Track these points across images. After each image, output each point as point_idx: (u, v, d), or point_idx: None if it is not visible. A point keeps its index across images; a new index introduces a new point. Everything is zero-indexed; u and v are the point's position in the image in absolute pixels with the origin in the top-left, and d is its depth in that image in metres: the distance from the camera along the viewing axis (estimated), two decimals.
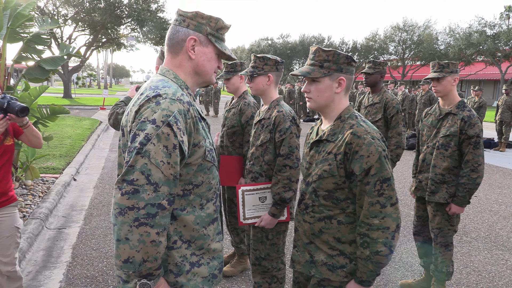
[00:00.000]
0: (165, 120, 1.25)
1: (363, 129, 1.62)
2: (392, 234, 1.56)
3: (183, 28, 1.44)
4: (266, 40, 47.64)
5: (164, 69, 1.47)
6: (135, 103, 1.35)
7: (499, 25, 31.83)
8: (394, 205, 1.57)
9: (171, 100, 1.29)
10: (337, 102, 1.73)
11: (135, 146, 1.23)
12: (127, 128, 1.35)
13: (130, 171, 1.22)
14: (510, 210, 5.65)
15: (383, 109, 3.69)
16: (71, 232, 4.42)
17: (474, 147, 2.82)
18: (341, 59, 1.67)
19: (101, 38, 28.49)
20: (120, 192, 1.21)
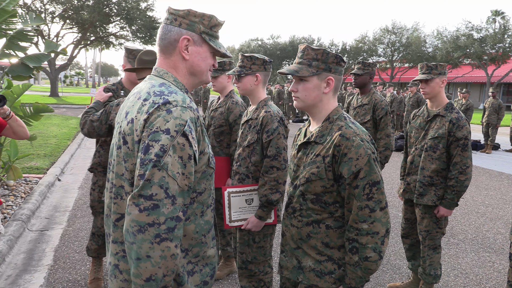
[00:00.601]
0: (179, 130, 1.20)
1: (352, 131, 1.58)
2: (381, 239, 1.52)
3: (175, 28, 1.37)
4: (256, 41, 47.64)
5: (162, 71, 1.40)
6: (139, 109, 1.26)
7: (485, 29, 32.28)
8: (383, 209, 1.53)
9: (182, 108, 1.24)
10: (325, 102, 1.68)
11: (151, 158, 1.17)
12: (131, 136, 1.26)
13: (147, 186, 1.16)
14: (497, 212, 5.69)
15: (372, 111, 3.67)
16: (53, 234, 4.30)
17: (463, 149, 2.81)
18: (330, 58, 1.63)
19: (89, 36, 28.15)
20: (138, 209, 1.15)
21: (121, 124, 1.33)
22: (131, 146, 1.27)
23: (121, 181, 1.32)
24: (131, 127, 1.27)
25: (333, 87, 1.66)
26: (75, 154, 8.61)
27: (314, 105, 1.68)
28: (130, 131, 1.27)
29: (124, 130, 1.29)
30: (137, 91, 1.38)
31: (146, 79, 1.43)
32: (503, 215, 5.55)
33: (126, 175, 1.30)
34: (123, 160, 1.30)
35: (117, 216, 1.35)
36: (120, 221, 1.34)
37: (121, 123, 1.34)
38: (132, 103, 1.34)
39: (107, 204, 1.44)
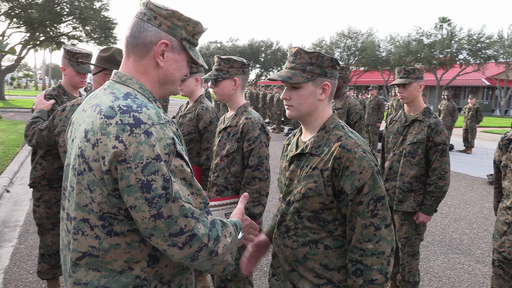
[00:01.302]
0: (169, 151, 1.06)
1: (352, 142, 1.44)
2: (387, 260, 1.40)
3: (154, 28, 1.17)
4: (215, 43, 47.30)
5: (125, 76, 1.19)
6: (103, 129, 1.05)
7: (434, 34, 33.97)
8: (388, 226, 1.41)
9: (161, 125, 1.07)
10: (321, 110, 1.54)
11: (159, 194, 1.03)
12: (98, 164, 1.06)
13: (172, 223, 1.05)
14: (459, 212, 5.85)
15: (346, 115, 3.61)
16: (2, 253, 3.89)
17: (441, 154, 2.79)
18: (325, 62, 1.49)
19: (38, 36, 26.65)
20: (178, 248, 1.07)
21: (80, 144, 1.11)
22: (98, 174, 1.06)
23: (84, 213, 1.11)
24: (97, 151, 1.06)
25: (329, 93, 1.53)
26: (25, 162, 7.98)
27: (309, 113, 1.54)
28: (96, 156, 1.06)
29: (88, 154, 1.07)
30: (96, 103, 1.15)
31: (106, 87, 1.19)
32: (465, 215, 5.72)
33: (94, 207, 1.09)
34: (87, 189, 1.09)
35: (78, 255, 1.13)
36: (82, 260, 1.13)
37: (80, 142, 1.11)
38: (91, 117, 1.11)
39: (63, 237, 1.22)
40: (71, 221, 1.15)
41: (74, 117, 1.26)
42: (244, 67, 2.35)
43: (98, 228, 1.09)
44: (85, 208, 1.10)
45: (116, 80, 1.20)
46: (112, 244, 1.10)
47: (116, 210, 1.08)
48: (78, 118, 1.21)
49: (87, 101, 1.23)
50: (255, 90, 18.88)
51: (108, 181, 1.05)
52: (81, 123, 1.16)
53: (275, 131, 15.28)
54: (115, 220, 1.09)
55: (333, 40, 40.78)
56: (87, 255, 1.12)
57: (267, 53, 46.77)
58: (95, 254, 1.11)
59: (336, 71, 1.53)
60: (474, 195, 6.91)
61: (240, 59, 2.34)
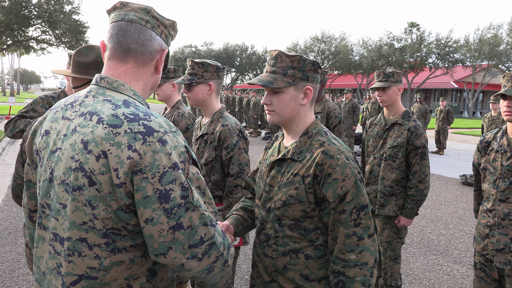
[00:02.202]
0: (184, 159, 1.04)
1: (335, 148, 1.40)
2: (370, 271, 1.35)
3: (158, 36, 1.16)
4: (190, 47, 47.01)
5: (115, 82, 1.10)
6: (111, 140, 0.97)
7: (404, 39, 34.86)
8: (371, 236, 1.37)
9: (172, 133, 1.05)
10: (303, 115, 1.49)
11: (179, 203, 0.99)
12: (107, 176, 0.97)
13: (192, 233, 1.02)
14: (435, 213, 5.94)
15: (325, 119, 3.59)
16: None
17: (421, 157, 2.79)
18: (307, 66, 1.44)
19: (5, 40, 25.70)
20: (197, 259, 1.04)
21: (77, 157, 1.00)
22: (106, 188, 0.98)
23: (81, 232, 1.01)
24: (105, 163, 0.97)
25: (311, 98, 1.48)
26: None
27: (291, 118, 1.48)
28: (105, 169, 0.97)
29: (90, 167, 0.98)
30: (88, 111, 1.05)
31: (93, 93, 1.09)
32: (441, 216, 5.81)
33: (96, 224, 1.00)
34: (88, 206, 1.00)
35: (73, 279, 1.03)
36: (78, 284, 1.03)
37: (76, 155, 1.01)
38: (87, 127, 1.02)
39: (46, 260, 1.11)
40: (61, 242, 1.04)
41: (47, 126, 1.12)
42: (219, 71, 2.28)
43: (99, 247, 1.02)
44: (82, 226, 1.01)
45: (105, 86, 1.10)
46: (115, 262, 1.03)
47: (122, 226, 1.01)
48: (56, 127, 1.09)
49: (66, 108, 1.11)
50: (231, 94, 18.81)
51: (121, 195, 0.97)
52: (66, 133, 1.05)
53: (252, 135, 15.25)
54: (117, 236, 1.02)
55: (307, 44, 41.24)
56: (84, 277, 1.03)
57: (242, 57, 46.87)
58: (94, 275, 1.02)
59: (318, 75, 1.49)
60: (448, 195, 7.05)
61: (214, 63, 2.26)
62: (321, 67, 1.52)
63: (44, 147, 1.11)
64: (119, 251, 1.03)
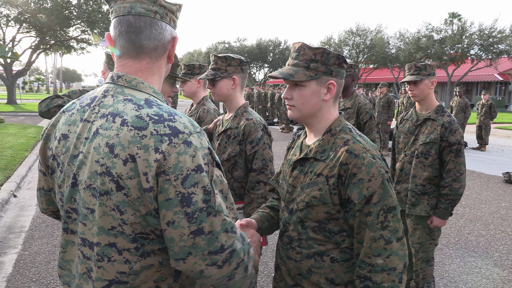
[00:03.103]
0: (208, 161, 1.00)
1: (361, 146, 1.32)
2: (399, 276, 1.27)
3: (168, 25, 1.11)
4: (223, 44, 47.33)
5: (134, 80, 1.07)
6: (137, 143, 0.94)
7: (444, 30, 33.43)
8: (400, 239, 1.29)
9: (198, 134, 1.01)
10: (326, 111, 1.42)
11: (201, 207, 0.96)
12: (135, 181, 0.95)
13: (212, 240, 0.98)
14: (475, 212, 5.65)
15: (355, 115, 3.47)
16: (6, 260, 3.83)
17: (456, 155, 2.63)
18: (331, 59, 1.37)
19: (48, 40, 26.89)
20: (217, 266, 1.00)
21: (103, 161, 0.97)
22: (134, 193, 0.95)
23: (110, 237, 1.00)
24: (133, 167, 0.94)
25: (334, 93, 1.40)
26: (33, 166, 7.98)
27: (312, 114, 1.42)
28: (133, 173, 0.95)
29: (118, 171, 0.95)
30: (110, 112, 1.02)
31: (112, 93, 1.05)
32: (481, 215, 5.52)
33: (125, 229, 0.98)
34: (116, 211, 0.97)
35: (103, 284, 1.02)
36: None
37: (102, 159, 0.97)
38: (111, 129, 0.98)
39: (76, 265, 1.10)
40: (91, 247, 1.04)
41: (65, 130, 1.09)
42: (242, 64, 2.23)
43: (129, 252, 1.00)
44: (111, 231, 0.99)
45: (123, 84, 1.07)
46: (145, 266, 1.02)
47: (150, 230, 1.00)
48: (75, 131, 1.06)
49: (83, 110, 1.07)
50: (263, 89, 18.75)
51: (150, 199, 0.95)
52: (87, 136, 1.02)
53: (284, 131, 15.15)
54: (146, 240, 1.01)
55: (341, 38, 40.44)
56: (114, 283, 1.02)
57: (275, 52, 46.67)
58: (124, 280, 1.02)
59: (343, 69, 1.41)
60: (489, 194, 6.69)
61: (238, 57, 2.22)
62: (347, 61, 1.43)
63: (63, 151, 1.08)
64: (148, 254, 1.02)
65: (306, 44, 1.37)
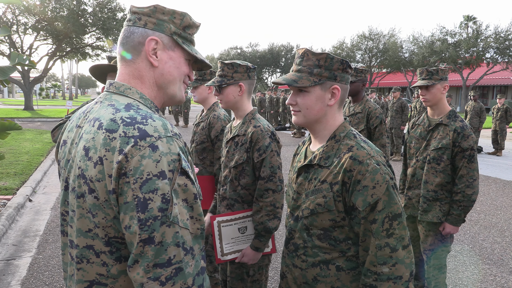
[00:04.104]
0: (174, 168, 0.95)
1: (365, 152, 1.31)
2: (405, 285, 1.26)
3: (139, 28, 1.10)
4: (235, 49, 47.55)
5: (122, 86, 1.10)
6: (106, 145, 0.95)
7: (459, 33, 33.03)
8: (406, 247, 1.27)
9: (167, 138, 0.97)
10: (330, 117, 1.42)
11: (154, 215, 0.91)
12: (102, 183, 0.95)
13: (160, 251, 0.92)
14: (490, 219, 5.54)
15: (365, 119, 3.44)
16: (21, 263, 3.90)
17: (469, 160, 2.59)
18: (335, 65, 1.37)
19: (64, 47, 27.42)
20: (159, 282, 0.92)
21: (80, 164, 1.00)
22: (102, 195, 0.96)
23: (88, 239, 1.01)
24: (101, 170, 0.95)
25: (339, 98, 1.40)
26: (48, 171, 8.12)
27: (317, 120, 1.42)
28: (101, 176, 0.96)
29: (89, 174, 0.97)
30: (94, 117, 1.05)
31: (102, 99, 1.10)
32: (496, 222, 5.41)
33: (98, 232, 0.99)
34: (90, 213, 0.99)
35: (84, 286, 1.04)
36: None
37: (79, 162, 1.01)
38: (90, 133, 1.01)
39: (68, 265, 1.14)
40: (74, 248, 1.06)
41: (65, 136, 1.16)
42: (249, 71, 2.24)
43: (105, 254, 1.01)
44: (88, 233, 1.01)
45: (112, 91, 1.11)
46: (122, 271, 1.02)
47: (123, 234, 0.99)
48: (72, 137, 1.11)
49: (80, 116, 1.14)
50: (275, 94, 18.77)
51: (115, 202, 0.95)
52: (77, 141, 1.07)
53: (296, 136, 15.12)
54: (122, 245, 1.00)
55: (354, 42, 40.29)
56: (95, 283, 1.03)
57: (287, 57, 46.67)
58: (104, 282, 1.02)
59: (347, 74, 1.41)
60: (505, 200, 6.55)
61: (244, 63, 2.23)
62: (351, 66, 1.43)
63: (62, 156, 1.14)
64: (126, 259, 1.01)
65: (310, 50, 1.38)
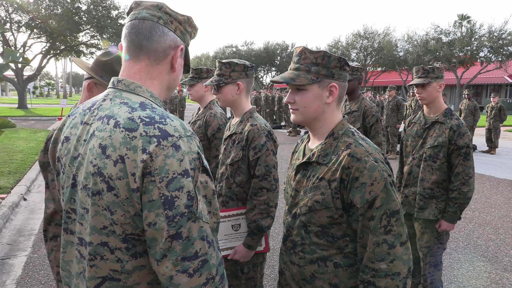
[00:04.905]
0: (195, 166, 1.00)
1: (363, 150, 1.32)
2: (403, 282, 1.26)
3: (171, 32, 1.13)
4: (230, 48, 47.50)
5: (133, 84, 1.09)
6: (127, 144, 0.96)
7: (453, 32, 33.17)
8: (404, 244, 1.28)
9: (187, 137, 1.01)
10: (329, 114, 1.42)
11: (182, 212, 0.96)
12: (124, 181, 0.97)
13: (188, 245, 0.97)
14: (484, 216, 5.59)
15: (361, 118, 3.46)
16: (16, 262, 3.88)
17: (464, 158, 2.61)
18: (332, 62, 1.37)
19: (58, 45, 27.24)
20: (187, 274, 0.97)
21: (96, 162, 1.00)
22: (123, 193, 0.97)
23: (102, 236, 1.02)
24: (122, 168, 0.96)
25: (337, 96, 1.41)
26: None
27: (315, 118, 1.42)
28: (122, 174, 0.96)
29: (109, 172, 0.98)
30: (106, 115, 1.04)
31: (111, 97, 1.09)
32: (491, 219, 5.45)
33: (116, 229, 1.00)
34: (107, 211, 1.00)
35: (96, 282, 1.04)
36: (102, 286, 1.04)
37: (94, 160, 1.00)
38: (105, 131, 1.01)
39: (74, 264, 1.13)
40: (86, 246, 1.06)
41: (67, 133, 1.13)
42: (247, 70, 2.23)
43: (121, 251, 1.02)
44: (103, 230, 1.01)
45: (122, 88, 1.10)
46: (137, 266, 1.03)
47: (141, 231, 1.01)
48: (76, 133, 1.09)
49: (84, 113, 1.11)
50: (270, 93, 18.77)
51: (138, 199, 0.97)
52: (86, 138, 1.06)
53: (291, 134, 15.14)
54: (138, 241, 1.02)
55: (349, 41, 40.35)
56: (107, 279, 1.03)
57: (282, 56, 46.69)
58: (117, 277, 1.03)
59: (345, 72, 1.41)
60: (499, 198, 6.61)
61: (242, 62, 2.23)
62: (349, 64, 1.44)
63: (65, 153, 1.12)
64: (141, 255, 1.02)
65: (307, 48, 1.38)
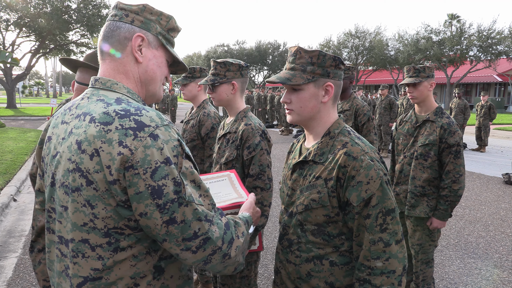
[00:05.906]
0: (178, 153, 1.01)
1: (359, 149, 1.32)
2: (398, 279, 1.27)
3: (126, 24, 1.14)
4: (222, 47, 47.36)
5: (109, 81, 1.11)
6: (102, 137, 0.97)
7: (443, 31, 33.46)
8: (399, 242, 1.29)
9: (165, 126, 1.02)
10: (324, 114, 1.43)
11: (172, 198, 0.98)
12: (101, 174, 0.97)
13: (185, 228, 1.01)
14: (474, 214, 5.66)
15: (353, 117, 3.48)
16: (6, 264, 3.84)
17: (455, 156, 2.64)
18: (327, 61, 1.38)
19: (48, 44, 26.93)
20: (191, 251, 1.03)
21: (73, 158, 1.01)
22: (102, 186, 0.98)
23: (83, 233, 1.02)
24: (98, 161, 0.97)
25: (332, 95, 1.41)
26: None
27: (311, 117, 1.42)
28: (99, 167, 0.97)
29: (86, 166, 0.98)
30: (82, 112, 1.06)
31: (88, 95, 1.11)
32: (481, 217, 5.52)
33: (97, 224, 1.00)
34: (87, 206, 1.00)
35: (79, 280, 1.04)
36: (84, 286, 1.03)
37: (72, 156, 1.01)
38: (81, 127, 1.02)
39: (55, 264, 1.12)
40: (67, 244, 1.06)
41: (50, 132, 1.15)
42: (242, 69, 2.24)
43: (102, 248, 1.02)
44: (84, 227, 1.01)
45: (99, 86, 1.11)
46: (118, 260, 1.02)
47: (124, 224, 1.01)
48: (57, 132, 1.11)
49: (64, 113, 1.13)
50: (262, 92, 18.78)
51: (116, 192, 0.97)
52: (64, 136, 1.07)
53: (283, 134, 15.16)
54: (121, 236, 1.02)
55: (340, 40, 40.49)
56: (88, 279, 1.03)
57: (274, 55, 46.69)
58: (98, 276, 1.02)
59: (340, 71, 1.42)
60: (489, 195, 6.69)
61: (237, 62, 2.23)
62: (343, 62, 1.45)
63: (47, 153, 1.13)
64: (123, 249, 1.02)
65: (302, 47, 1.38)
